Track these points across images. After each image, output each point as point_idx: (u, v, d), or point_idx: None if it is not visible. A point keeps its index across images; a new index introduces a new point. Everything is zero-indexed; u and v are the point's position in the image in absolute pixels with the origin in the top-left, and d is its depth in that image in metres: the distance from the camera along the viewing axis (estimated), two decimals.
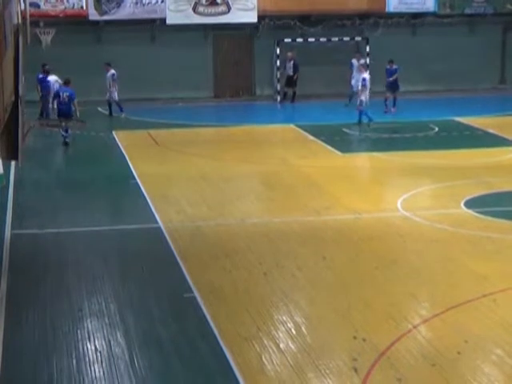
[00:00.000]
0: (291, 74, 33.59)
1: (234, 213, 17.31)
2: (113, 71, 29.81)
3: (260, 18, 33.56)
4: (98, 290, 12.86)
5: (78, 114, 24.44)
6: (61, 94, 24.45)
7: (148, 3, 32.89)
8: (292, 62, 33.51)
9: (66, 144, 24.33)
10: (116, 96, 29.78)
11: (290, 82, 33.71)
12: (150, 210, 17.33)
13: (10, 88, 13.18)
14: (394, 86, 30.15)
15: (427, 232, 15.64)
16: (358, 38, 34.47)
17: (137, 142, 25.43)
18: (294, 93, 33.66)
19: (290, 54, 33.64)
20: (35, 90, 27.80)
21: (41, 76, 28.34)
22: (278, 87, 34.01)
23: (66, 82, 24.96)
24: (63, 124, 24.41)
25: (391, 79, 30.23)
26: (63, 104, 24.27)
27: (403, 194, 18.30)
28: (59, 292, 12.82)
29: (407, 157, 22.25)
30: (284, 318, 11.67)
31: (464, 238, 15.23)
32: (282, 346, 10.73)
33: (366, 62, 32.59)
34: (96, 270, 13.83)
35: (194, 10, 33.25)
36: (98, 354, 10.55)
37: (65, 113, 24.26)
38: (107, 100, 29.97)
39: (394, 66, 30.40)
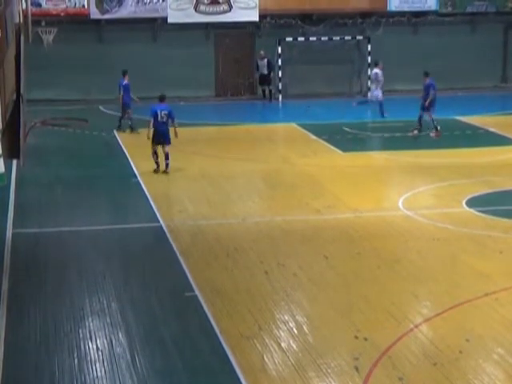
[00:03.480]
0: (265, 72, 33.70)
1: (235, 211, 17.31)
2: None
3: (261, 16, 33.51)
4: (99, 289, 12.86)
5: (176, 133, 20.36)
6: (158, 112, 20.36)
7: (149, 2, 32.86)
8: (266, 60, 33.62)
9: (165, 171, 20.46)
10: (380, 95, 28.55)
11: (265, 80, 33.87)
12: (152, 208, 17.34)
13: (12, 87, 13.19)
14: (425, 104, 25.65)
15: (429, 231, 15.63)
16: (360, 37, 34.46)
17: (138, 140, 25.38)
18: (270, 90, 33.82)
19: (262, 52, 33.79)
20: (118, 94, 26.83)
21: (125, 83, 26.87)
22: (280, 86, 34.01)
23: (162, 98, 21.05)
24: (158, 148, 20.48)
25: (426, 97, 25.61)
26: (161, 124, 20.32)
27: (405, 193, 18.30)
28: (61, 291, 12.83)
29: (408, 156, 22.24)
30: (285, 317, 11.67)
31: (466, 237, 15.22)
32: (283, 345, 10.72)
33: None
34: (97, 269, 13.83)
35: (196, 8, 33.20)
36: (100, 353, 10.55)
37: (163, 134, 20.28)
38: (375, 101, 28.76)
39: (428, 80, 25.83)
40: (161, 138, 20.28)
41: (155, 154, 20.38)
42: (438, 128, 25.10)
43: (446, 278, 13.13)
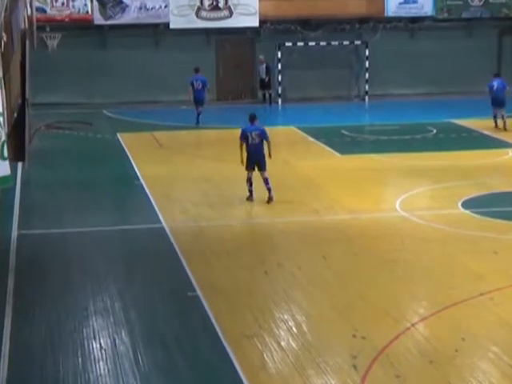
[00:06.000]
0: (264, 76, 33.92)
1: (235, 213, 17.31)
2: None
3: (261, 22, 33.55)
4: (103, 289, 12.86)
5: (270, 154, 17.95)
6: (249, 134, 17.78)
7: (152, 8, 32.90)
8: (264, 65, 33.77)
9: (269, 200, 17.85)
10: None
11: (264, 84, 34.10)
12: (154, 210, 17.33)
13: (17, 91, 13.20)
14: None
15: (425, 232, 15.63)
16: (358, 42, 34.46)
17: (141, 143, 25.42)
18: (270, 94, 33.94)
19: (261, 57, 33.97)
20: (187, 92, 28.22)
21: (203, 78, 28.25)
22: (279, 90, 34.02)
23: (252, 119, 18.12)
24: (252, 174, 17.99)
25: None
26: (253, 146, 17.78)
27: (401, 195, 18.30)
28: (65, 291, 12.82)
29: (405, 158, 22.23)
30: (285, 316, 11.66)
31: (461, 238, 15.21)
32: (283, 343, 10.72)
33: None
34: (101, 270, 13.82)
35: (197, 14, 33.24)
36: (103, 352, 10.54)
37: (257, 157, 17.78)
38: None
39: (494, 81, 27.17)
40: (254, 162, 17.81)
41: (249, 180, 18.00)
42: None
43: (441, 278, 13.12)
